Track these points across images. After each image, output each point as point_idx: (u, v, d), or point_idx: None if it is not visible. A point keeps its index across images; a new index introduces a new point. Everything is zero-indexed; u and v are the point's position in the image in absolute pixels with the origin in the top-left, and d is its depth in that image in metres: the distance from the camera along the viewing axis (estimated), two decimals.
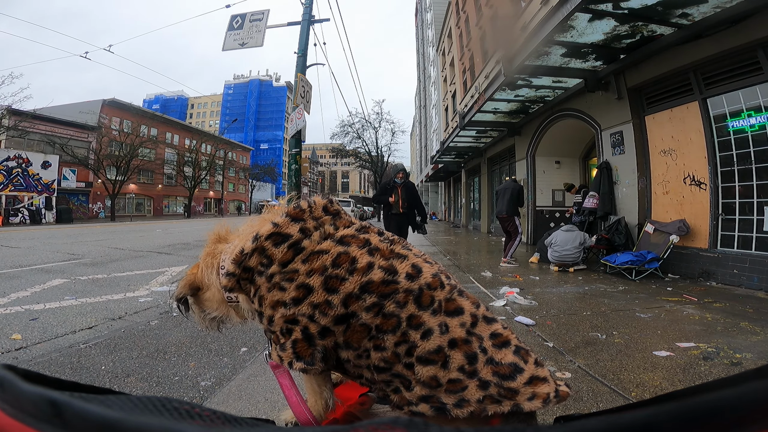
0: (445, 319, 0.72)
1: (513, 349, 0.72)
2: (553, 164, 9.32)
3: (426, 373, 0.70)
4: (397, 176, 5.39)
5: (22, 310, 3.12)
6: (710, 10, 4.16)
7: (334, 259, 0.75)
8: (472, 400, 0.67)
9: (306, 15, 7.86)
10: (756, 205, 4.35)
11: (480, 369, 0.69)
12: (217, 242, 0.92)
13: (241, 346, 2.43)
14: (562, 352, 2.36)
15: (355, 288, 0.73)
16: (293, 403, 0.81)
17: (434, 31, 28.77)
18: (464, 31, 17.80)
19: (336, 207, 0.86)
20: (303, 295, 0.74)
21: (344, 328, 0.75)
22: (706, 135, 4.78)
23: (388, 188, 5.39)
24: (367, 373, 0.76)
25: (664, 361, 2.20)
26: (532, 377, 0.69)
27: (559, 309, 3.42)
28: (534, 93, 7.64)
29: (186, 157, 35.35)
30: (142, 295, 3.77)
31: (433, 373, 0.70)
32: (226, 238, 0.93)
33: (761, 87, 4.19)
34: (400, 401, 0.73)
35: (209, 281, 0.90)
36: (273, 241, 0.77)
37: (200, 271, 0.91)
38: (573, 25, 4.75)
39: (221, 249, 0.89)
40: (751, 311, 3.29)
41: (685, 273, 4.98)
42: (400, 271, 0.75)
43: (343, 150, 31.77)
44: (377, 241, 0.80)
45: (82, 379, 1.96)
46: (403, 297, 0.73)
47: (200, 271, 0.91)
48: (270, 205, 0.94)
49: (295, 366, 0.76)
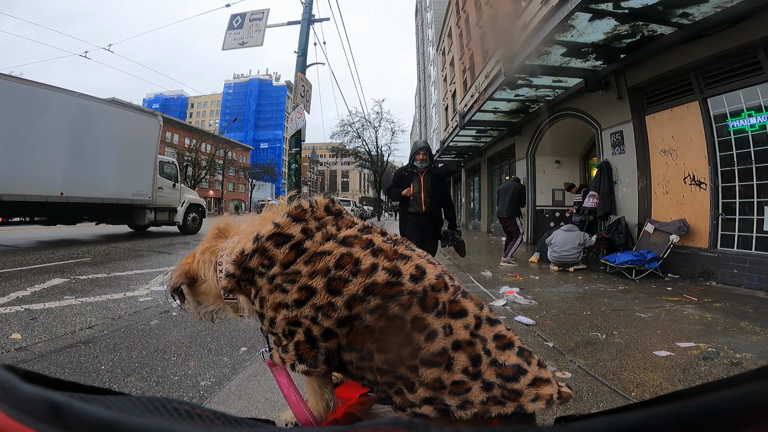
0: (449, 321, 0.72)
1: (516, 350, 0.72)
2: (553, 164, 9.32)
3: (430, 375, 0.70)
4: (417, 157, 3.71)
5: (22, 310, 3.12)
6: (711, 9, 4.16)
7: (338, 260, 0.75)
8: (476, 402, 0.67)
9: (306, 14, 7.86)
10: (756, 205, 4.35)
11: (484, 371, 0.69)
12: (217, 237, 0.91)
13: (241, 346, 2.43)
14: (562, 352, 2.36)
15: (359, 290, 0.72)
16: (292, 403, 0.80)
17: (434, 31, 28.76)
18: (464, 30, 17.79)
19: (338, 207, 0.85)
20: (306, 297, 0.73)
21: (347, 330, 0.74)
22: (707, 135, 4.77)
23: (405, 175, 3.81)
24: (370, 374, 0.76)
25: (664, 361, 2.21)
26: (535, 378, 0.69)
27: (559, 309, 3.42)
28: (534, 92, 7.63)
29: (186, 156, 35.36)
30: (142, 295, 3.77)
31: (437, 375, 0.69)
32: (226, 232, 0.92)
33: (761, 87, 4.19)
34: (402, 403, 0.73)
35: (205, 276, 0.89)
36: (274, 242, 0.76)
37: (196, 263, 0.90)
38: (573, 24, 4.74)
39: (220, 246, 0.89)
40: (751, 311, 3.29)
41: (685, 273, 4.98)
42: (404, 273, 0.74)
43: (343, 149, 31.79)
44: (380, 242, 0.79)
45: (82, 379, 1.96)
46: (407, 299, 0.72)
47: (196, 263, 0.90)
48: (270, 204, 0.93)
49: (298, 368, 0.75)
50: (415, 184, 3.70)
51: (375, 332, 0.73)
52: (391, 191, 3.95)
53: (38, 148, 7.11)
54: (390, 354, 0.72)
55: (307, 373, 0.77)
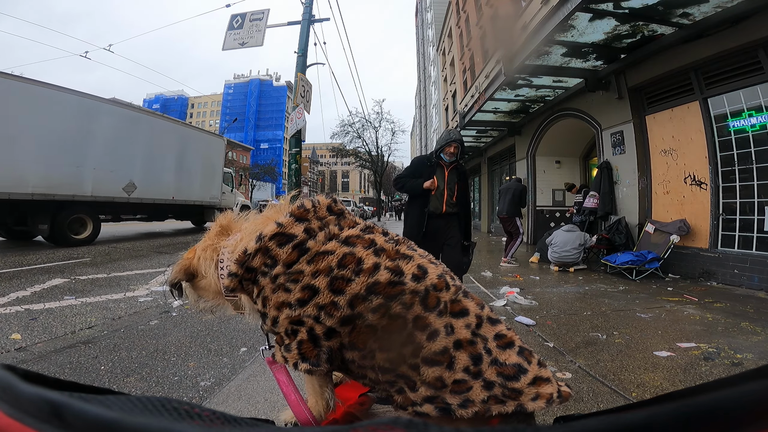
0: (450, 321, 0.73)
1: (517, 350, 0.72)
2: (554, 164, 9.32)
3: (431, 374, 0.70)
4: (447, 150, 3.02)
5: (22, 310, 3.12)
6: (711, 9, 4.16)
7: (340, 260, 0.75)
8: (477, 401, 0.67)
9: (306, 14, 7.87)
10: (756, 205, 4.35)
11: (485, 370, 0.69)
12: (220, 234, 0.91)
13: (241, 347, 2.43)
14: (562, 352, 2.36)
15: (361, 289, 0.73)
16: (292, 402, 0.80)
17: (434, 31, 28.79)
18: (464, 30, 17.80)
19: (340, 206, 0.85)
20: (308, 297, 0.74)
21: (350, 329, 0.74)
22: (707, 135, 4.77)
23: (427, 165, 3.10)
24: (372, 373, 0.76)
25: (665, 361, 2.20)
26: (535, 378, 0.69)
27: (559, 309, 3.42)
28: (534, 92, 7.63)
29: None
30: (142, 295, 3.77)
31: (438, 374, 0.70)
32: (228, 230, 0.92)
33: (762, 87, 4.19)
34: (404, 402, 0.73)
35: (206, 273, 0.89)
36: (277, 242, 0.77)
37: (197, 260, 0.90)
38: (573, 24, 4.74)
39: (222, 244, 0.89)
40: (752, 311, 3.29)
41: (685, 273, 4.97)
42: (407, 272, 0.75)
43: (343, 150, 31.73)
44: (382, 242, 0.79)
45: (82, 379, 1.96)
46: (409, 298, 0.73)
47: (197, 259, 0.90)
48: (272, 204, 0.93)
49: (301, 367, 0.76)
50: (438, 177, 3.03)
51: (377, 331, 0.73)
52: (404, 182, 3.13)
53: (165, 165, 9.70)
54: (392, 353, 0.73)
55: (310, 372, 0.77)
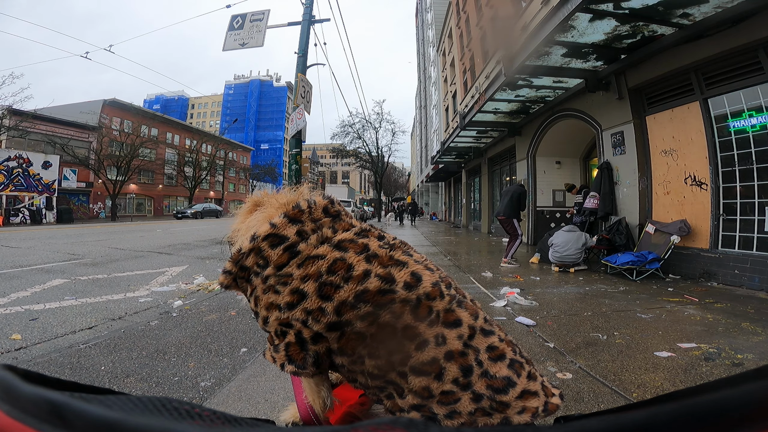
0: (442, 331, 0.72)
1: (508, 362, 0.72)
2: (554, 164, 9.31)
3: (418, 384, 0.70)
4: None
5: (22, 310, 3.12)
6: (711, 10, 4.16)
7: (330, 265, 0.74)
8: (464, 413, 0.67)
9: (306, 15, 7.87)
10: (757, 206, 4.34)
11: (474, 382, 0.69)
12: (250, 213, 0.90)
13: (241, 347, 2.43)
14: (562, 353, 2.36)
15: (349, 296, 0.72)
16: (299, 395, 0.82)
17: (434, 32, 28.77)
18: (465, 31, 17.80)
19: (337, 208, 0.85)
20: (297, 301, 0.74)
21: (338, 335, 0.74)
22: (707, 135, 4.77)
23: None
24: (362, 378, 0.76)
25: (666, 361, 2.20)
26: (523, 391, 0.69)
27: (559, 309, 3.41)
28: (534, 93, 7.63)
29: (186, 157, 35.38)
30: (142, 296, 3.77)
31: (425, 383, 0.69)
32: (260, 204, 0.91)
33: (762, 87, 4.19)
34: (392, 407, 0.73)
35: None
36: (270, 243, 0.76)
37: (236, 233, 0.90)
38: (574, 25, 4.74)
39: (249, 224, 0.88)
40: (753, 312, 3.28)
41: (686, 273, 4.97)
42: (398, 280, 0.74)
43: (343, 150, 31.71)
44: (376, 247, 0.78)
45: (82, 380, 1.96)
46: (399, 307, 0.72)
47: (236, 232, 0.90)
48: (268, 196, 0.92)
49: (287, 369, 0.76)
50: None
51: (366, 338, 0.73)
52: None
53: None
54: (380, 360, 0.72)
55: (296, 374, 0.78)
